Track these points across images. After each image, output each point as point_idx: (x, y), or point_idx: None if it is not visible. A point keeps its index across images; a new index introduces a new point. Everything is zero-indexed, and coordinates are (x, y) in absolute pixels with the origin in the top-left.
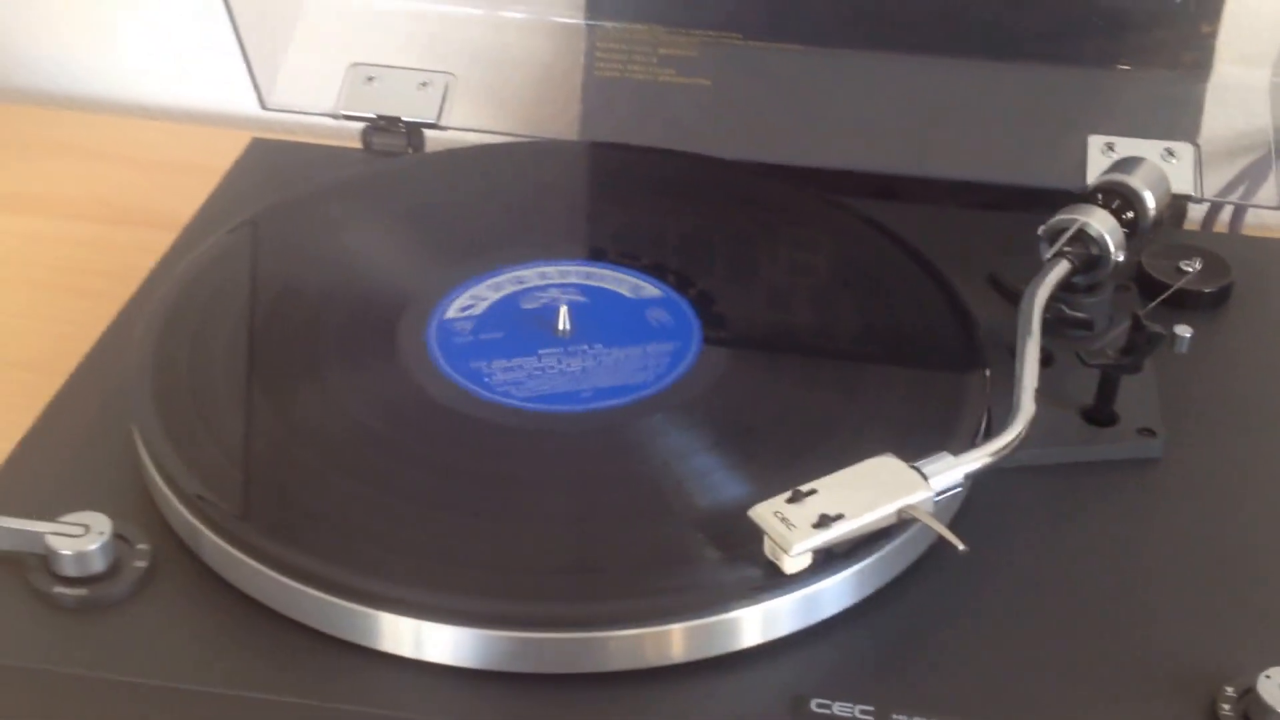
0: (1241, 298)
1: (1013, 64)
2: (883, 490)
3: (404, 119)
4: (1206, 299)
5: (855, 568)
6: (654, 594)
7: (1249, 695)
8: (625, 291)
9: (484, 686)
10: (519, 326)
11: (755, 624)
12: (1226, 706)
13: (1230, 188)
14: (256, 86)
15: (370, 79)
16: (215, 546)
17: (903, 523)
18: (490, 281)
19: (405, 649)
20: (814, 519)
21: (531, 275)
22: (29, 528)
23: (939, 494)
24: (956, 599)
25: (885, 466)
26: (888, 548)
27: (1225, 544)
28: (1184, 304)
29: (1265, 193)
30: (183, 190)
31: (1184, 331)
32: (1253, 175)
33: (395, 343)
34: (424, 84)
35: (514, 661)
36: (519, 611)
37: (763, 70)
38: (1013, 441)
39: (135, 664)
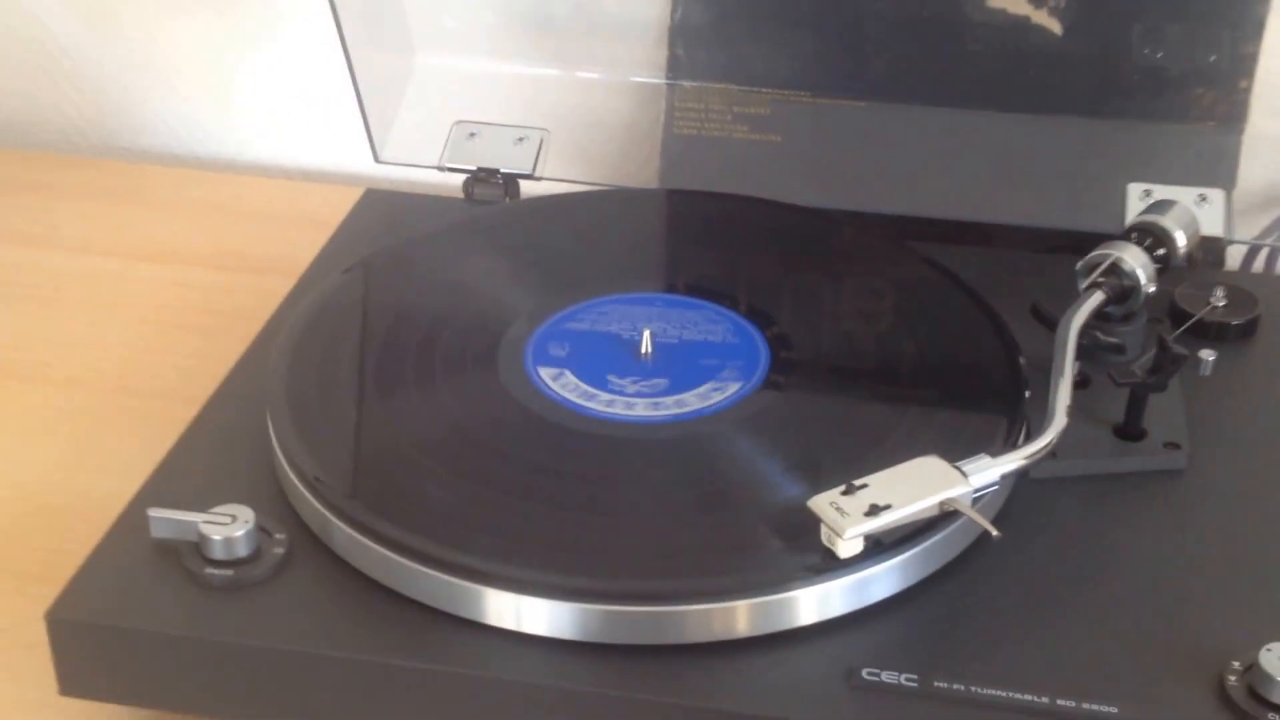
0: (1268, 331)
1: (1060, 118)
2: (927, 485)
3: (502, 171)
4: (1234, 330)
5: (902, 557)
6: (725, 574)
7: (1253, 669)
8: (701, 321)
9: (575, 656)
10: (608, 349)
11: (812, 603)
12: (1233, 679)
13: (1267, 232)
14: (372, 142)
15: (472, 135)
16: (342, 533)
17: (946, 517)
18: (583, 308)
19: (508, 622)
20: (865, 508)
21: (620, 306)
22: (185, 518)
23: (977, 491)
24: (992, 588)
25: (930, 465)
26: (931, 540)
27: (1245, 541)
28: (1213, 335)
29: None
30: (292, 240)
31: (1208, 355)
32: None
33: (497, 359)
34: (520, 139)
35: (601, 633)
36: (608, 587)
37: (829, 125)
38: (1045, 447)
39: (274, 634)
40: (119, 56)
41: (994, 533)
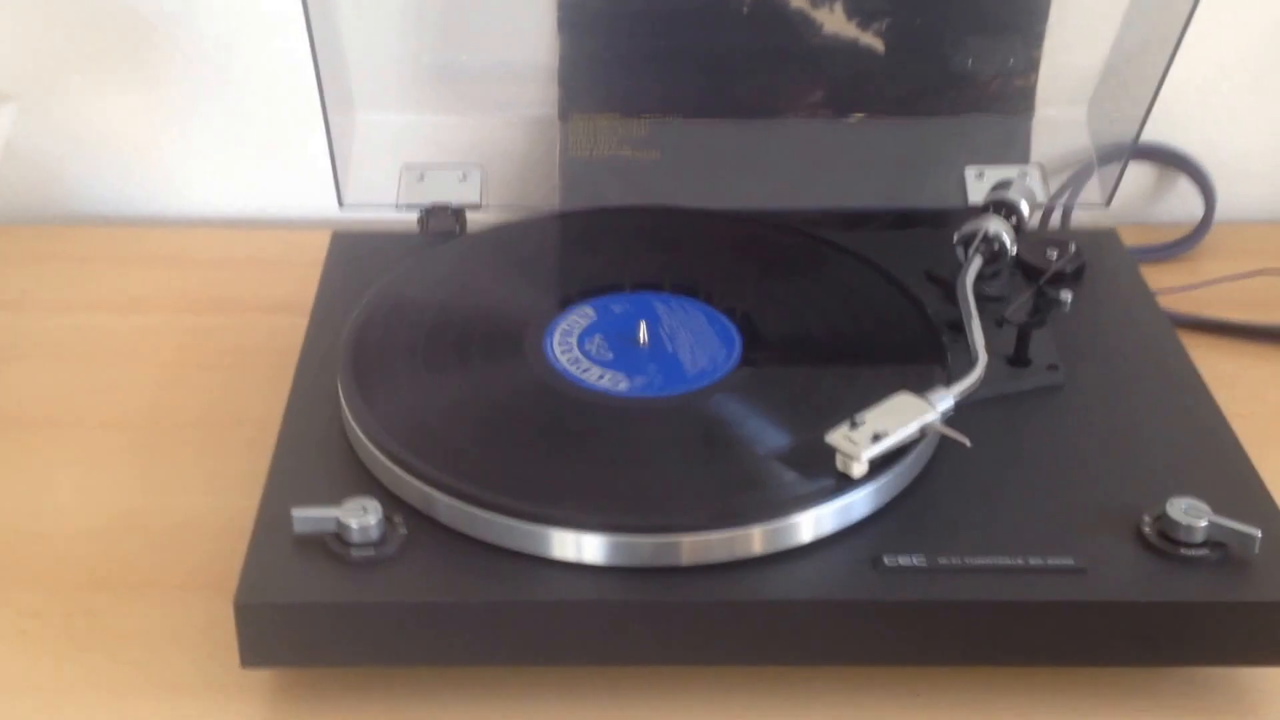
0: (1090, 272)
1: (893, 119)
2: (907, 414)
3: (454, 204)
4: (1070, 275)
5: (893, 471)
6: (777, 499)
7: (1161, 518)
8: (680, 313)
9: (673, 578)
10: (613, 339)
11: (836, 515)
12: (1147, 528)
13: (1058, 196)
14: (338, 189)
15: (421, 176)
16: (446, 505)
17: (916, 442)
18: (587, 305)
19: (570, 553)
20: (870, 437)
21: (617, 303)
22: (326, 513)
23: (943, 413)
24: (956, 488)
25: (904, 399)
26: (907, 460)
27: (1124, 426)
28: (1055, 280)
29: (1089, 194)
30: (265, 281)
31: (1067, 296)
32: (1073, 184)
33: (529, 354)
34: (463, 176)
35: (689, 555)
36: (693, 519)
37: (700, 140)
38: (981, 376)
39: (413, 592)
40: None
41: (966, 443)
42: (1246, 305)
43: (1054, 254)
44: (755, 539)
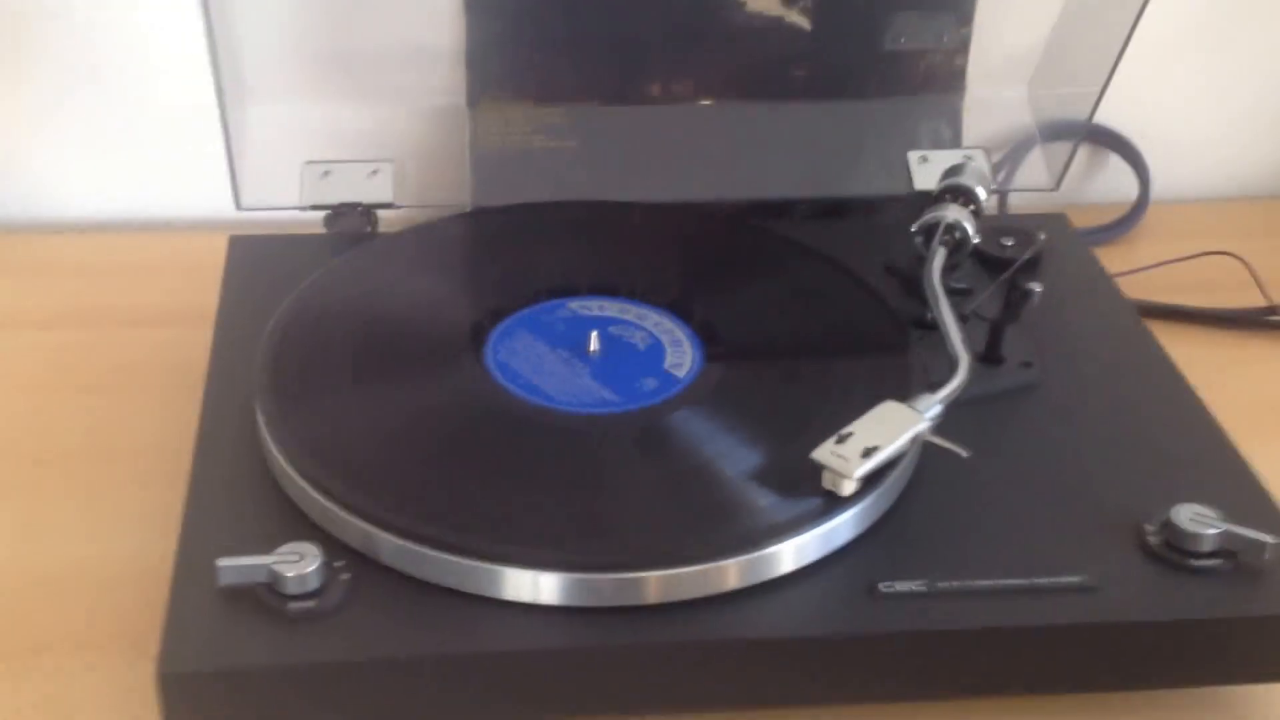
0: (1048, 257)
1: (822, 102)
2: (897, 425)
3: (364, 203)
4: (1029, 264)
5: (877, 491)
6: (756, 526)
7: (1165, 526)
8: (630, 317)
9: (635, 617)
10: (560, 346)
11: (822, 540)
12: (1152, 537)
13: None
14: (235, 190)
15: (325, 173)
16: (390, 544)
17: (902, 455)
18: (531, 312)
19: (526, 594)
20: (860, 451)
21: (568, 308)
22: (256, 562)
23: (932, 422)
24: (939, 505)
25: (891, 409)
26: (894, 475)
27: (1108, 425)
28: (1008, 268)
29: (1036, 178)
30: (152, 291)
31: (1037, 288)
32: (1007, 166)
33: (460, 362)
34: (373, 172)
35: (663, 591)
36: (659, 550)
37: (620, 127)
38: (966, 379)
39: (361, 648)
40: None
41: (964, 454)
42: (1193, 288)
43: (1009, 241)
44: (733, 571)
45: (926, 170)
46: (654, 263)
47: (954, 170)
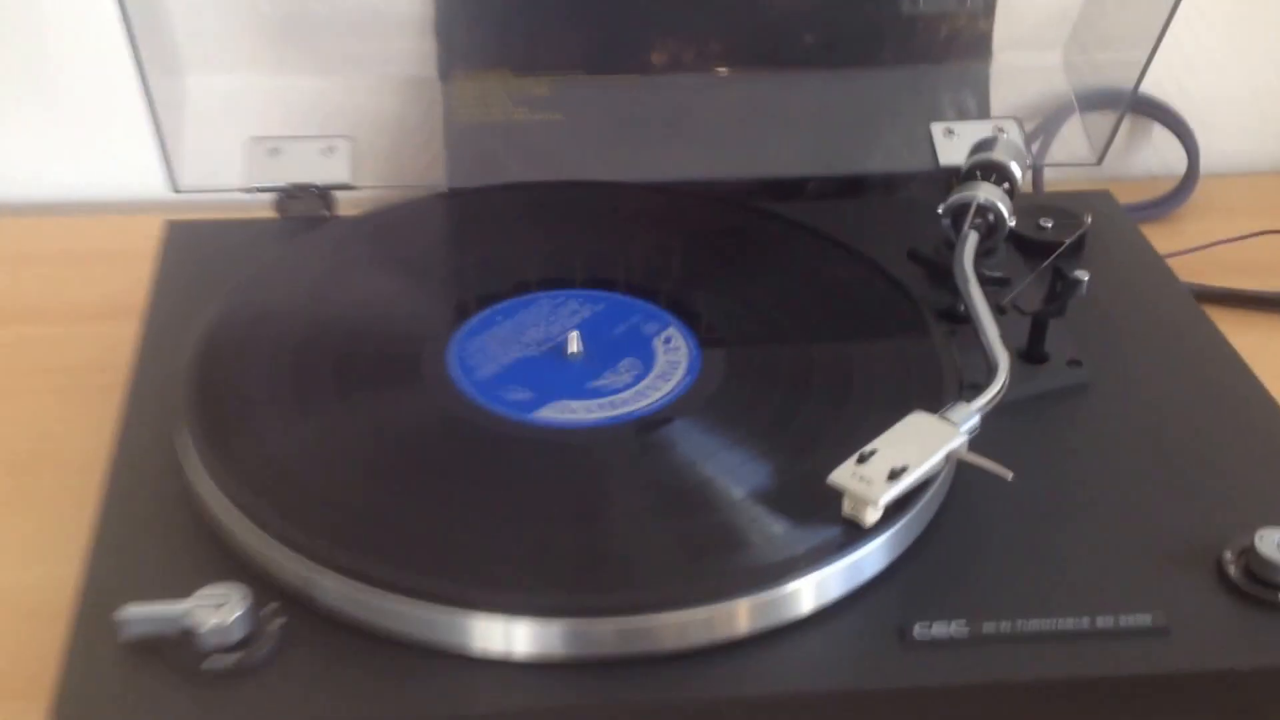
0: (1092, 241)
1: (836, 71)
2: (927, 441)
3: (317, 184)
4: (1073, 247)
5: (912, 512)
6: (781, 559)
7: (1246, 553)
8: (618, 313)
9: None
10: (533, 351)
11: (842, 577)
12: (1231, 567)
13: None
14: (170, 169)
15: (273, 151)
16: (334, 586)
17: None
18: (498, 311)
19: (498, 645)
20: (885, 474)
21: (543, 305)
22: (166, 611)
23: (969, 436)
24: (983, 531)
25: (920, 421)
26: (925, 498)
27: (1172, 433)
28: (1049, 253)
29: (1076, 151)
30: (82, 281)
31: (1084, 275)
32: (1043, 138)
33: (421, 371)
34: (328, 149)
35: (661, 639)
36: (649, 596)
37: (612, 99)
38: (1006, 383)
39: (298, 711)
40: None
41: (1008, 476)
42: (1246, 270)
43: (1048, 223)
44: (741, 614)
45: (952, 144)
46: (647, 252)
47: (984, 144)
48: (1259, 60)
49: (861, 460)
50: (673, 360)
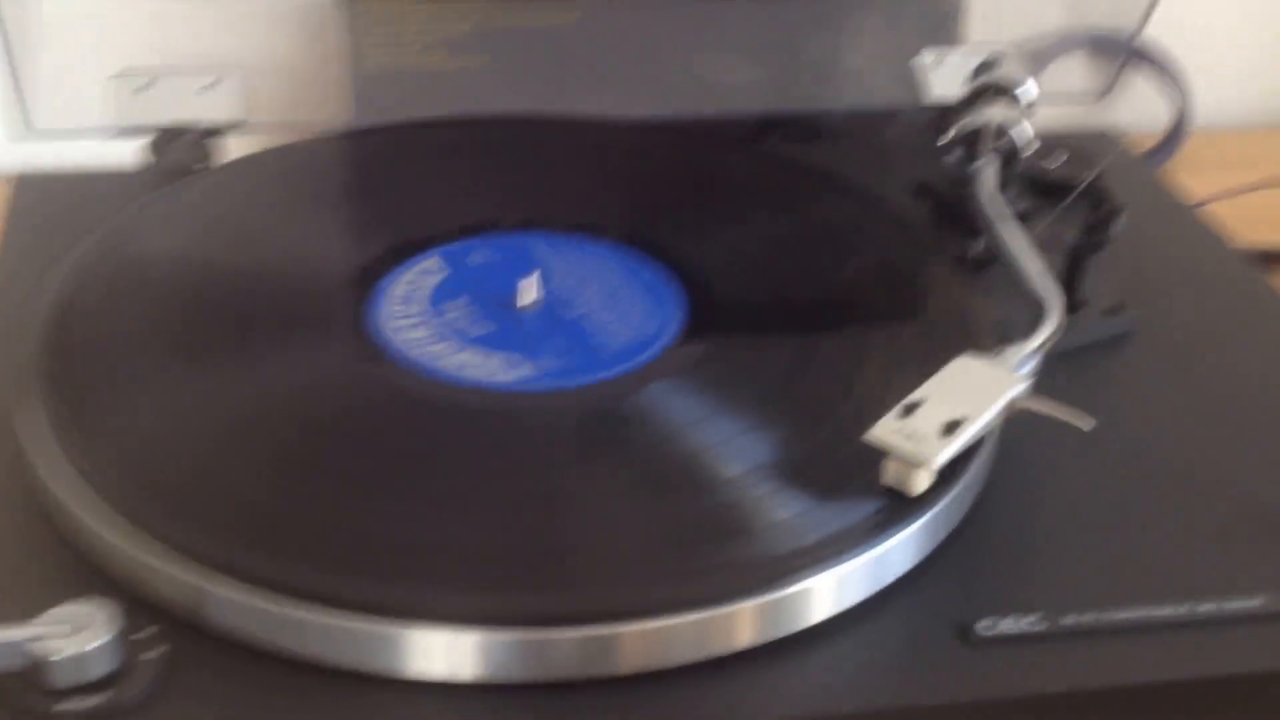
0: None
1: None
2: (982, 389)
3: (199, 124)
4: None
5: (964, 482)
6: (801, 548)
7: None
8: (588, 261)
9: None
10: (478, 302)
11: (894, 561)
12: None
13: None
14: (25, 107)
15: (143, 87)
16: (235, 602)
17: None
18: (431, 255)
19: (439, 666)
20: (938, 428)
21: (486, 251)
22: (10, 636)
23: (1031, 380)
24: (1038, 504)
25: (968, 366)
26: (977, 462)
27: (1237, 384)
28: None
29: (1076, 82)
30: None
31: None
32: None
33: (337, 324)
34: (209, 85)
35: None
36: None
37: (543, 37)
38: (1062, 320)
39: None
40: None
41: (1087, 424)
42: (1252, 225)
43: (1055, 163)
44: (747, 620)
45: (945, 75)
46: (608, 187)
47: (989, 65)
48: (1250, 9)
49: (906, 413)
50: (649, 313)
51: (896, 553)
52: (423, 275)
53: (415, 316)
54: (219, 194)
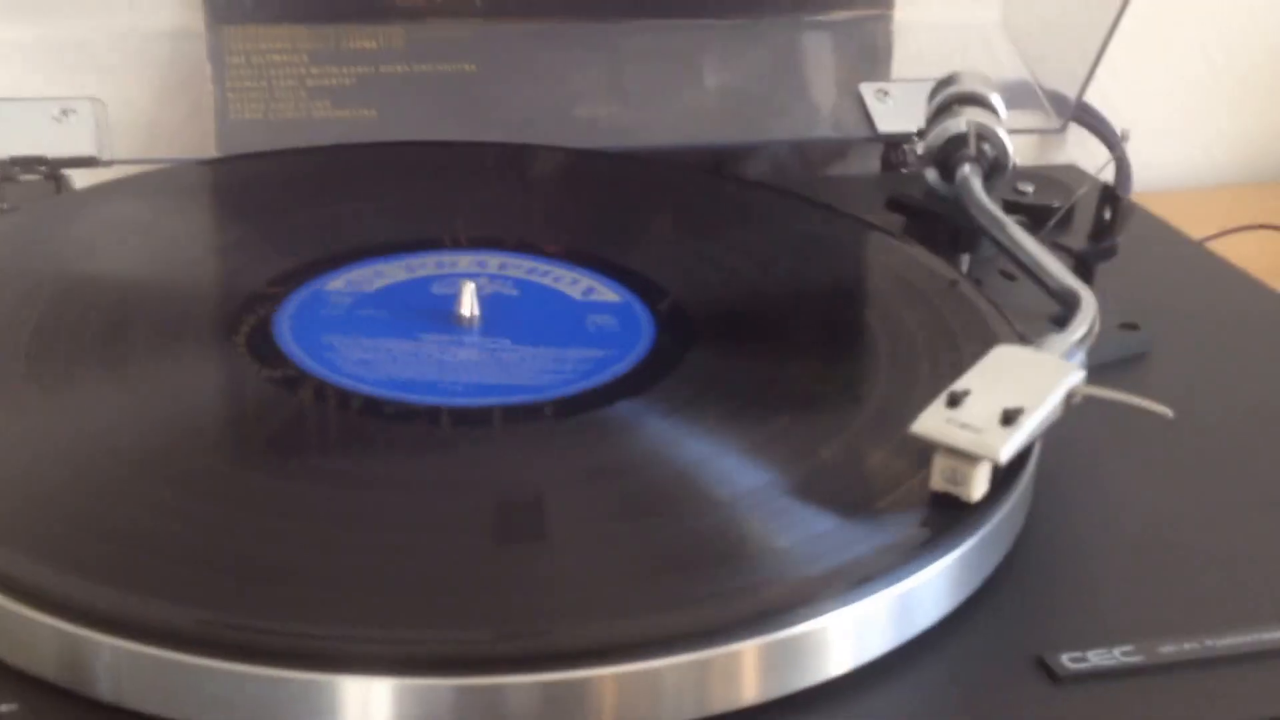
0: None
1: (712, 20)
2: (1032, 379)
3: (50, 157)
4: (1065, 214)
5: (1017, 493)
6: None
7: None
8: (538, 275)
9: None
10: (413, 317)
11: (947, 584)
12: None
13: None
14: None
15: None
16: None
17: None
18: (350, 269)
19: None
20: (997, 417)
21: (412, 266)
22: None
23: (1085, 370)
24: (1088, 519)
25: (1009, 355)
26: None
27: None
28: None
29: (1035, 119)
30: None
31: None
32: None
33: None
34: (63, 113)
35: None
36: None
37: (430, 81)
38: (1098, 313)
39: None
40: None
41: (1169, 413)
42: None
43: (1027, 187)
44: (753, 664)
45: (888, 108)
46: (544, 207)
47: (950, 80)
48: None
49: (953, 403)
50: (604, 326)
51: (952, 574)
52: (344, 297)
53: (335, 328)
54: (85, 206)
